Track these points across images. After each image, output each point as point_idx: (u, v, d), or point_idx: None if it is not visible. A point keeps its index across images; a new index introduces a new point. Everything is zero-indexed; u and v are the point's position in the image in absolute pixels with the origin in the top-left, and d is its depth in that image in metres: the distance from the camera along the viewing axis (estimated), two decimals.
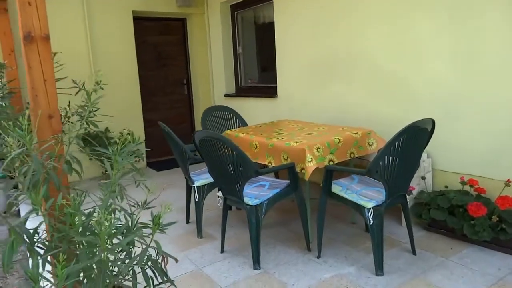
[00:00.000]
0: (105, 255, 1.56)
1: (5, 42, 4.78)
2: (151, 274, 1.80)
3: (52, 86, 2.20)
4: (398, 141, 2.32)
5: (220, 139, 2.56)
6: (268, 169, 2.71)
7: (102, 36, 5.53)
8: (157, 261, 1.85)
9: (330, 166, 2.63)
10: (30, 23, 2.12)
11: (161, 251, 1.92)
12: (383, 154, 2.32)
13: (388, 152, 2.32)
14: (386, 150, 2.31)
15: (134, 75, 5.86)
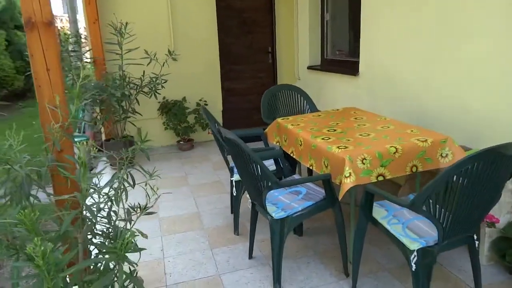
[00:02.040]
0: None
1: (90, 10, 4.92)
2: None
3: (56, 75, 2.04)
4: (467, 169, 1.66)
5: (239, 145, 2.17)
6: (292, 180, 2.26)
7: (182, 1, 5.37)
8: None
9: (369, 187, 2.07)
10: (30, 8, 1.95)
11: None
12: (437, 184, 1.69)
13: (447, 182, 1.68)
14: (443, 179, 1.67)
15: (214, 42, 5.66)
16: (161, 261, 2.80)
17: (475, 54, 2.80)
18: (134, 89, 4.76)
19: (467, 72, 2.89)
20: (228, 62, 5.98)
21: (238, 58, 6.06)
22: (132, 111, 4.83)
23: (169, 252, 2.91)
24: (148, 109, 5.34)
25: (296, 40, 5.89)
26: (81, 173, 1.69)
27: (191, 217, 3.46)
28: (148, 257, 2.87)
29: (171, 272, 2.66)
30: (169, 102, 5.49)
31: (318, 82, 5.40)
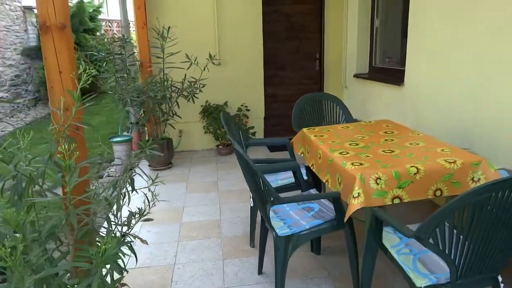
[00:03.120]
0: None
1: (139, 15, 5.09)
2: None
3: (68, 78, 2.08)
4: (489, 196, 1.42)
5: (243, 157, 2.07)
6: (296, 197, 2.11)
7: (228, 6, 5.39)
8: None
9: (376, 211, 1.85)
10: (45, 12, 2.01)
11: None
12: (447, 212, 1.46)
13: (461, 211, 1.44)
14: (454, 207, 1.44)
15: (258, 47, 5.60)
16: (171, 267, 2.76)
17: None
18: (175, 92, 4.83)
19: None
20: (272, 68, 5.89)
21: (283, 64, 5.95)
22: (172, 114, 4.91)
23: (181, 259, 2.87)
24: (190, 112, 5.41)
25: (345, 47, 5.65)
26: (70, 176, 1.68)
27: (211, 224, 3.40)
28: (161, 261, 2.85)
29: (177, 280, 2.62)
30: (211, 106, 5.52)
31: (364, 91, 5.13)
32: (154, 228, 3.37)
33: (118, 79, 4.43)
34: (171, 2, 5.26)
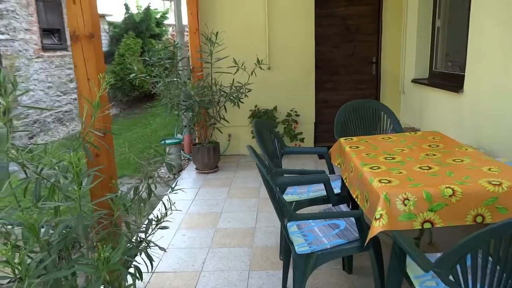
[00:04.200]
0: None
1: (192, 21, 5.21)
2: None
3: (95, 84, 2.14)
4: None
5: (259, 168, 1.98)
6: (315, 214, 1.96)
7: (279, 11, 5.32)
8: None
9: (395, 235, 1.65)
10: (75, 22, 2.09)
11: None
12: (472, 245, 1.26)
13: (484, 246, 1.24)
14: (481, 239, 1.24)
15: (310, 51, 5.46)
16: (197, 275, 2.75)
17: None
18: (224, 96, 4.86)
19: None
20: (325, 72, 5.71)
21: (336, 68, 5.74)
22: (219, 118, 4.93)
23: (209, 267, 2.84)
24: (239, 117, 5.41)
25: (403, 50, 5.30)
26: (76, 180, 1.71)
27: (245, 232, 3.35)
28: (189, 267, 2.85)
29: None
30: (260, 110, 5.48)
31: (421, 97, 4.77)
32: (189, 233, 3.40)
33: (167, 83, 4.55)
34: (222, 8, 5.31)
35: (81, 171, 1.73)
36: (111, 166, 2.33)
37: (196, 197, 4.23)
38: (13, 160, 1.72)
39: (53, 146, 2.03)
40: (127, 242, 2.06)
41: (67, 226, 1.82)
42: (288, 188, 2.94)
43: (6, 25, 6.95)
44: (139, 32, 9.91)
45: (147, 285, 2.66)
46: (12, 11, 7.11)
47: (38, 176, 1.79)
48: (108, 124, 2.25)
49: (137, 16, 10.19)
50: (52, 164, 1.90)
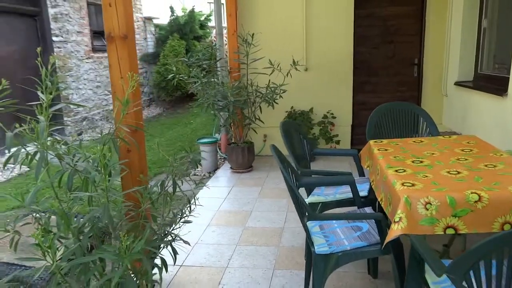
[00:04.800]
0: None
1: (230, 23, 5.30)
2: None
3: (127, 83, 2.25)
4: None
5: (279, 166, 2.01)
6: (334, 214, 1.95)
7: (318, 11, 5.30)
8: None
9: (412, 239, 1.61)
10: (111, 24, 2.21)
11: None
12: (487, 248, 1.21)
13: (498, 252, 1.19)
14: (497, 243, 1.19)
15: (348, 53, 5.39)
16: (222, 270, 2.81)
17: None
18: (259, 97, 4.91)
19: None
20: (364, 74, 5.61)
21: (376, 70, 5.63)
22: (254, 118, 4.99)
23: (234, 263, 2.90)
24: (275, 118, 5.42)
25: (447, 51, 5.11)
26: (103, 172, 1.81)
27: (273, 231, 3.37)
28: (215, 263, 2.92)
29: (225, 283, 2.65)
30: (296, 111, 5.48)
31: (464, 101, 4.57)
32: (218, 229, 3.47)
33: (204, 83, 4.67)
34: (260, 10, 5.36)
35: (111, 164, 1.84)
36: (142, 161, 2.44)
37: (228, 195, 4.31)
38: (50, 151, 1.85)
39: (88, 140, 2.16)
40: (152, 234, 2.15)
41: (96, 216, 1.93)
42: (315, 189, 2.94)
43: (60, 27, 7.42)
44: (183, 34, 10.20)
45: (174, 278, 2.75)
46: (66, 14, 7.57)
47: (72, 168, 1.91)
48: (139, 121, 2.36)
49: (182, 18, 10.49)
50: (85, 157, 2.02)
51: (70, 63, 7.71)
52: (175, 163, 2.18)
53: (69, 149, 2.00)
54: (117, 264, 1.80)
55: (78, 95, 7.95)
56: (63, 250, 1.71)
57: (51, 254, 1.59)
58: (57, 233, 1.72)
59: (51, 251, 1.58)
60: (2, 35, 6.32)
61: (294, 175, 2.37)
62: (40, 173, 1.80)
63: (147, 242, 1.97)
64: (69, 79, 7.67)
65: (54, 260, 1.58)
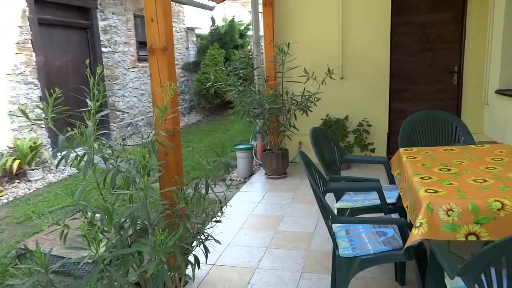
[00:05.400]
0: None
1: (267, 33, 5.46)
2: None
3: (166, 91, 2.43)
4: None
5: (305, 169, 2.11)
6: (352, 218, 2.02)
7: (354, 20, 5.34)
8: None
9: (433, 245, 1.65)
10: (152, 37, 2.42)
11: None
12: (502, 248, 1.26)
13: None
14: (499, 249, 1.24)
15: (385, 60, 5.38)
16: (252, 271, 2.92)
17: None
18: (294, 105, 5.01)
19: None
20: (401, 82, 5.58)
21: (414, 78, 5.57)
22: (289, 126, 5.09)
23: (264, 265, 3.00)
24: (310, 125, 5.45)
25: (488, 59, 4.98)
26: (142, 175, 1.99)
27: (303, 236, 3.45)
28: (246, 263, 3.04)
29: (254, 283, 2.76)
30: (331, 119, 5.53)
31: (506, 109, 4.45)
32: (250, 232, 3.59)
33: (240, 91, 4.84)
34: (296, 20, 5.48)
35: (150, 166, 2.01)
36: (178, 164, 2.62)
37: (262, 200, 4.43)
38: (97, 153, 2.05)
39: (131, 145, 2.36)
40: (186, 232, 2.31)
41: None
42: (344, 195, 3.00)
43: (109, 39, 7.90)
44: (223, 43, 10.50)
45: (207, 275, 2.90)
46: (114, 26, 8.06)
47: (115, 168, 2.11)
48: (176, 126, 2.54)
49: (222, 28, 10.82)
50: (127, 159, 2.22)
51: (117, 72, 8.17)
52: (208, 166, 2.32)
53: (113, 152, 2.21)
54: (153, 257, 1.96)
55: (124, 102, 8.39)
56: (105, 243, 1.90)
57: (95, 245, 1.77)
58: (101, 226, 1.91)
59: (95, 242, 1.77)
60: (58, 46, 6.84)
61: (321, 180, 2.46)
62: (87, 173, 2.00)
63: (181, 239, 2.13)
64: (116, 87, 8.13)
65: (98, 250, 1.76)
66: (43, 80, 6.32)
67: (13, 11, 5.82)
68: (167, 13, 2.43)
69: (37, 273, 1.81)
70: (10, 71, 5.78)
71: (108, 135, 7.61)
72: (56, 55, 6.79)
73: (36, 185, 5.62)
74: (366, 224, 2.31)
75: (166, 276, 1.94)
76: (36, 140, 5.97)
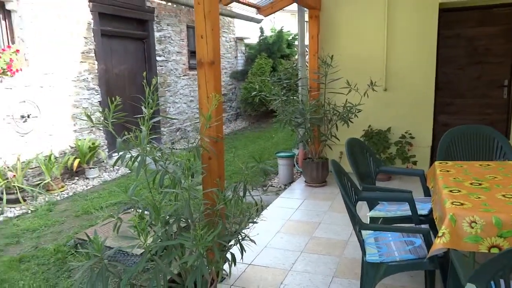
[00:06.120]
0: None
1: (312, 45, 5.62)
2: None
3: (211, 102, 2.67)
4: None
5: (335, 177, 2.25)
6: (378, 225, 2.13)
7: (399, 32, 5.37)
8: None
9: (453, 254, 1.73)
10: (201, 52, 2.68)
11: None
12: (502, 260, 1.35)
13: None
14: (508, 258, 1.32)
15: (430, 74, 5.35)
16: (285, 272, 3.08)
17: None
18: (336, 115, 5.12)
19: None
20: (447, 95, 5.52)
21: (461, 91, 5.51)
22: (330, 136, 5.20)
23: (297, 267, 3.15)
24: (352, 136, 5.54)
25: None
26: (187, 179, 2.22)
27: (338, 243, 3.55)
28: (279, 265, 3.20)
29: (286, 284, 2.92)
30: (373, 130, 5.56)
31: None
32: (286, 236, 3.75)
33: (283, 101, 5.03)
34: (341, 33, 5.59)
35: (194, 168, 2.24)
36: (220, 168, 2.84)
37: (300, 206, 4.57)
38: (148, 155, 2.32)
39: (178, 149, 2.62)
40: (224, 230, 2.52)
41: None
42: (379, 205, 3.08)
43: (163, 48, 8.40)
44: (271, 53, 10.76)
45: (243, 274, 3.09)
46: (168, 37, 8.56)
47: (163, 169, 2.36)
48: (219, 133, 2.77)
49: (270, 38, 11.09)
50: (175, 161, 2.47)
51: (169, 80, 8.66)
52: (246, 171, 2.53)
53: (162, 154, 2.47)
54: (193, 251, 2.18)
55: (174, 108, 8.86)
56: (152, 235, 2.14)
57: (144, 235, 2.02)
58: (149, 219, 2.16)
59: (144, 233, 2.02)
60: (117, 55, 7.40)
61: (353, 189, 2.58)
62: (140, 172, 2.27)
63: (219, 236, 2.34)
64: (167, 94, 8.61)
65: (146, 240, 2.01)
66: (103, 86, 6.87)
67: (80, 24, 6.41)
68: (215, 30, 2.67)
69: (94, 258, 2.08)
70: (75, 77, 6.36)
71: (159, 139, 8.08)
72: (115, 63, 7.34)
73: (92, 183, 6.11)
74: (391, 231, 2.41)
75: (204, 268, 2.15)
76: (95, 141, 6.50)
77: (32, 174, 5.65)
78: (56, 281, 3.21)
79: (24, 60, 5.54)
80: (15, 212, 4.86)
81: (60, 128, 6.14)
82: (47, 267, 3.45)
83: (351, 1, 5.53)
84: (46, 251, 3.74)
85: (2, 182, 4.98)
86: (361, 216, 2.54)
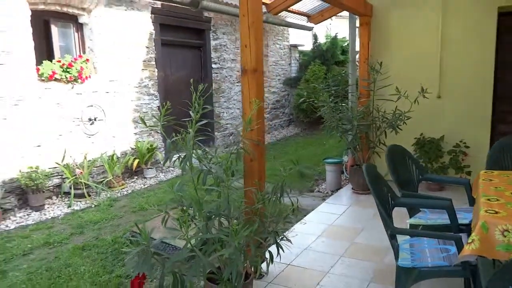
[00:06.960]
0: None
1: (362, 52, 5.62)
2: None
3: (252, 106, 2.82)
4: None
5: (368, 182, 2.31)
6: (409, 230, 2.15)
7: (454, 38, 5.20)
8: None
9: (481, 262, 1.72)
10: (245, 60, 2.87)
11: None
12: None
13: None
14: None
15: (488, 81, 5.13)
16: (323, 274, 3.15)
17: None
18: (385, 122, 5.08)
19: None
20: (507, 103, 5.24)
21: None
22: (378, 143, 5.16)
23: (335, 271, 3.20)
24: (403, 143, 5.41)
25: None
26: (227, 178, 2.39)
27: (378, 250, 3.55)
28: (318, 267, 3.28)
29: (322, 285, 2.99)
30: (425, 139, 5.42)
31: None
32: (327, 240, 3.81)
33: (331, 108, 5.09)
34: (392, 41, 5.53)
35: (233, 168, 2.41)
36: (261, 170, 2.99)
37: (344, 212, 4.59)
38: (194, 155, 2.53)
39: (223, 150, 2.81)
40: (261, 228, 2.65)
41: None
42: (420, 213, 3.06)
43: (218, 56, 8.77)
44: (325, 60, 10.77)
45: (282, 273, 3.20)
46: (224, 45, 8.92)
47: (206, 168, 2.56)
48: (260, 137, 2.92)
49: (324, 45, 11.11)
50: (217, 161, 2.66)
51: (224, 86, 9.00)
52: (284, 173, 2.65)
53: (206, 155, 2.67)
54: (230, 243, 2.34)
55: (228, 114, 9.19)
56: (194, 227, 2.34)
57: (185, 227, 2.22)
58: (191, 213, 2.36)
59: (185, 225, 2.22)
60: (175, 63, 7.86)
61: (390, 194, 2.61)
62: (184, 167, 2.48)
63: (256, 233, 2.48)
64: (222, 99, 8.95)
65: (187, 231, 2.21)
66: (162, 92, 7.33)
67: (142, 34, 6.91)
68: (258, 40, 2.84)
69: (142, 245, 2.31)
70: (137, 84, 6.86)
71: (212, 143, 8.41)
72: (173, 70, 7.80)
73: (150, 182, 6.54)
74: (422, 237, 2.41)
75: (239, 262, 2.30)
76: (153, 143, 6.95)
77: (96, 172, 6.17)
78: (112, 268, 3.53)
79: (93, 68, 6.10)
80: (80, 205, 5.35)
81: (122, 130, 6.65)
82: (105, 255, 3.80)
83: (403, 7, 5.47)
84: (105, 241, 4.10)
85: (71, 178, 5.51)
86: (402, 223, 2.56)
